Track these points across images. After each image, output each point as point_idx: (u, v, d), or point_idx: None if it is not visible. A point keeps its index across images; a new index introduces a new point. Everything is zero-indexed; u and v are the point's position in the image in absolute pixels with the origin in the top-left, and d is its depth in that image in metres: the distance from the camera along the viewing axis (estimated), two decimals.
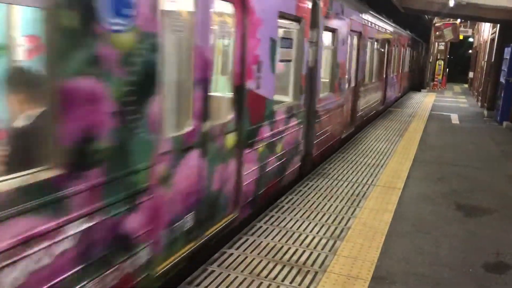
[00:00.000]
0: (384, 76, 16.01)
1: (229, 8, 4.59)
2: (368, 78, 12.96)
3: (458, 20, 30.82)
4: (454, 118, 16.33)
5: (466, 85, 37.53)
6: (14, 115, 3.01)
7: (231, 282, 4.05)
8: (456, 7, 15.60)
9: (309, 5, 6.91)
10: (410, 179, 7.72)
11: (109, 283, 3.09)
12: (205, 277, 4.11)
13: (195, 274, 4.16)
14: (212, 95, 4.32)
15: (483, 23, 26.01)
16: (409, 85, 26.56)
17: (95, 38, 2.74)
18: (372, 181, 7.41)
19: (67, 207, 2.67)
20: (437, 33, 31.23)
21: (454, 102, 23.28)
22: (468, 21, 33.79)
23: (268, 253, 4.67)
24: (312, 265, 4.45)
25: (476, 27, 34.21)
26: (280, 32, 6.04)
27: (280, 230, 5.25)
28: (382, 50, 15.16)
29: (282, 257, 4.58)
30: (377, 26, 13.45)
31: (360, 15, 10.86)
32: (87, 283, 2.88)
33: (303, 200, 6.34)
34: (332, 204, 6.22)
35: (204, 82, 4.15)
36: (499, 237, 5.50)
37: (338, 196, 6.57)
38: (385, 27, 15.21)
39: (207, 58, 4.15)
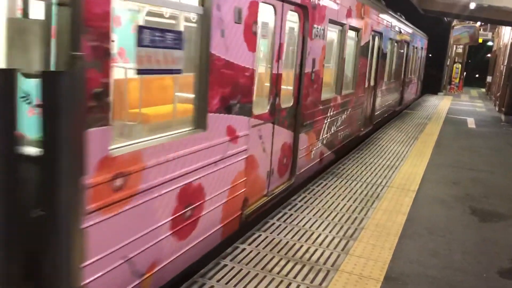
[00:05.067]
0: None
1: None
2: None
3: (478, 23, 30.42)
4: (471, 122, 16.14)
5: (483, 90, 37.04)
6: None
7: (243, 277, 4.08)
8: (476, 9, 15.41)
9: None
10: (424, 181, 7.66)
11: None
12: (218, 271, 4.14)
13: (208, 267, 4.20)
14: None
15: (504, 26, 25.63)
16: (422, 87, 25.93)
17: None
18: (386, 183, 7.38)
19: None
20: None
21: (471, 106, 23.00)
22: (488, 25, 33.32)
23: (281, 250, 4.69)
24: (324, 263, 4.46)
25: (496, 30, 33.72)
26: None
27: (293, 228, 5.27)
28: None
29: (294, 255, 4.60)
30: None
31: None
32: None
33: (316, 199, 6.34)
34: (345, 204, 6.21)
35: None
36: None
37: (351, 196, 6.56)
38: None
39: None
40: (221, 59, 4.25)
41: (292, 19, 6.12)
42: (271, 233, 5.08)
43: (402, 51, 15.92)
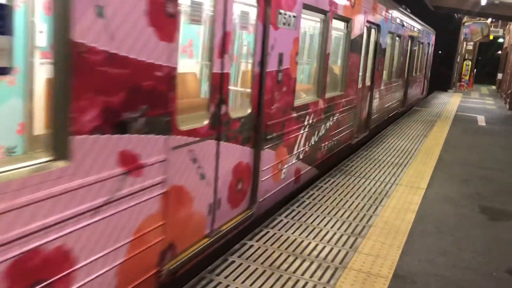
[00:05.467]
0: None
1: None
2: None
3: (489, 20, 30.12)
4: (481, 120, 15.99)
5: (493, 87, 36.68)
6: None
7: (251, 274, 4.09)
8: (488, 5, 15.26)
9: None
10: (433, 179, 7.61)
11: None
12: (226, 267, 4.15)
13: (215, 263, 4.21)
14: None
15: None
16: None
17: None
18: (395, 180, 7.34)
19: None
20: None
21: (481, 103, 22.78)
22: (499, 21, 32.98)
23: (288, 246, 4.68)
24: (332, 261, 4.45)
25: (507, 27, 33.37)
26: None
27: (301, 225, 5.26)
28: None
29: (302, 252, 4.59)
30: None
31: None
32: None
33: (324, 196, 6.32)
34: (353, 201, 6.19)
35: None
36: None
37: (360, 194, 6.53)
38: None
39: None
40: (99, 52, 2.73)
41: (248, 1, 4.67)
42: (279, 230, 5.08)
43: (405, 47, 14.33)
